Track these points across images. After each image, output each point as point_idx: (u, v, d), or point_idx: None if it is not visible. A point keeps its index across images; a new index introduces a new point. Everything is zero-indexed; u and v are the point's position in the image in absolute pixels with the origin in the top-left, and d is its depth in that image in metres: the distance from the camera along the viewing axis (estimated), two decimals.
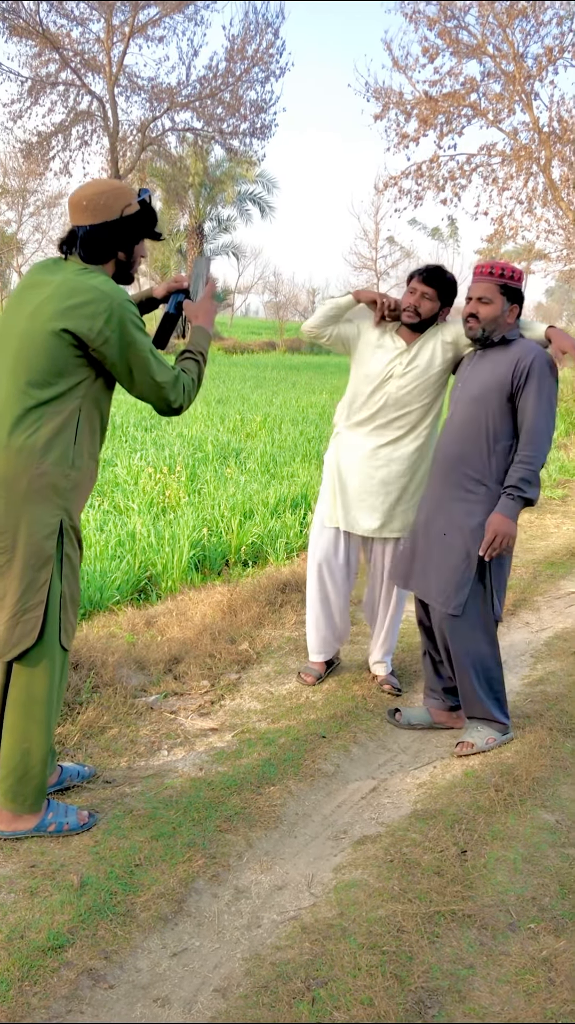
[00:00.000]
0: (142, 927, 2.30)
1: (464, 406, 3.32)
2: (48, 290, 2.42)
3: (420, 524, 3.47)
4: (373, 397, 3.63)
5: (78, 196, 2.46)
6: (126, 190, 2.50)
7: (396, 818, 2.93)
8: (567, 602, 5.51)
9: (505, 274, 3.26)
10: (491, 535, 3.19)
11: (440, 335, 3.61)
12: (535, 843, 2.80)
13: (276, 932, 2.33)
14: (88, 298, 2.37)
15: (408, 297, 3.57)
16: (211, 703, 3.68)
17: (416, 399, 3.61)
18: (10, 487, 2.40)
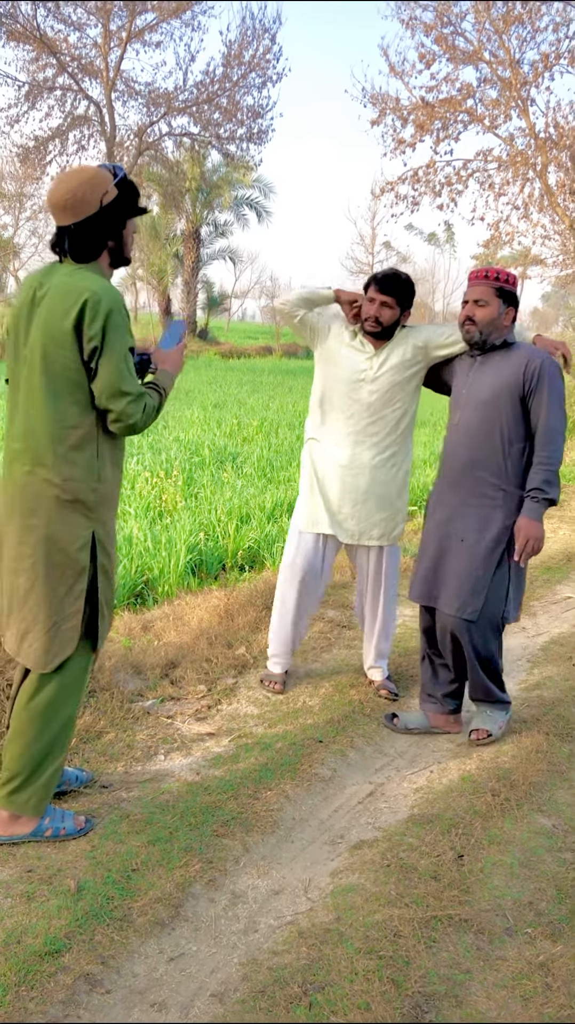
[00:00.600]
0: (139, 932, 2.29)
1: (473, 411, 3.32)
2: (47, 298, 2.39)
3: (433, 532, 3.44)
4: (345, 402, 3.62)
5: (55, 196, 2.39)
6: (100, 177, 2.40)
7: (393, 823, 2.93)
8: (564, 607, 5.52)
9: (500, 277, 3.31)
10: (523, 540, 3.23)
11: (411, 339, 3.62)
12: (532, 848, 2.80)
13: (273, 937, 2.33)
14: (80, 299, 2.33)
15: (368, 307, 3.56)
16: (208, 708, 3.68)
17: (389, 404, 3.61)
18: (37, 504, 2.42)
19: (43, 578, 2.45)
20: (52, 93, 22.94)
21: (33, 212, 36.52)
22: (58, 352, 2.36)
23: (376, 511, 3.69)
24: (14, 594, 2.50)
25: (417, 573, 3.52)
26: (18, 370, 2.46)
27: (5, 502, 2.50)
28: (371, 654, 4.01)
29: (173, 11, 21.84)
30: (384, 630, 3.96)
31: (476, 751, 3.46)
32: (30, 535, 2.44)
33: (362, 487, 3.65)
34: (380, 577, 3.83)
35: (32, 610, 2.47)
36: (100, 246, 2.46)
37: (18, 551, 2.46)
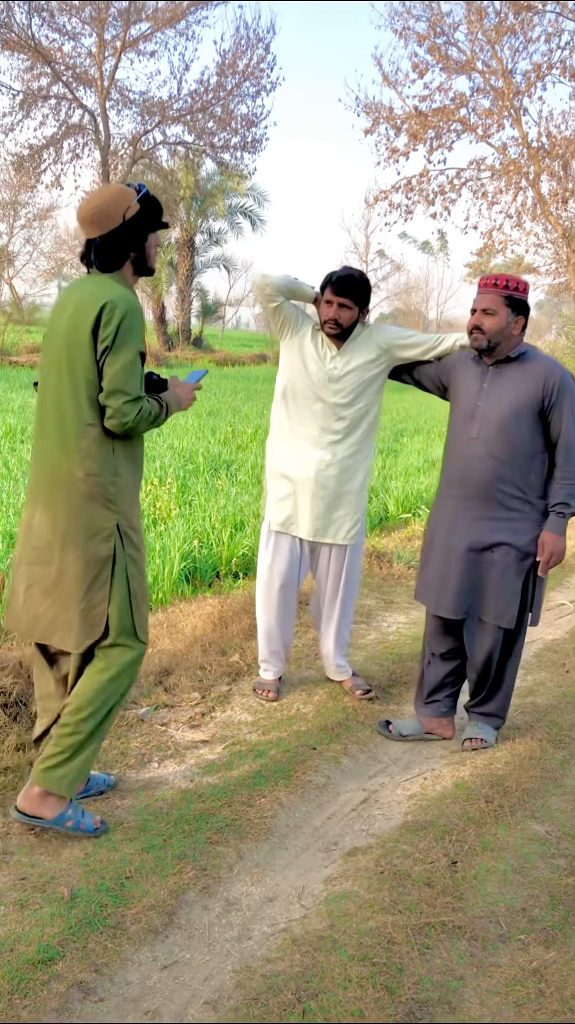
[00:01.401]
0: (132, 940, 2.29)
1: (493, 428, 3.32)
2: (73, 304, 2.60)
3: (457, 546, 3.42)
4: (309, 402, 3.64)
5: (83, 212, 2.60)
6: (124, 193, 2.61)
7: (386, 829, 2.93)
8: (557, 614, 5.53)
9: (510, 285, 3.29)
10: (547, 555, 3.30)
11: (374, 339, 3.64)
12: (525, 854, 2.81)
13: (267, 944, 2.33)
14: (99, 304, 2.50)
15: (326, 309, 3.58)
16: (202, 715, 3.68)
17: (353, 404, 3.63)
18: (64, 496, 2.59)
19: (71, 567, 2.60)
20: (47, 102, 22.97)
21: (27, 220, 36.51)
22: (77, 353, 2.55)
23: (337, 509, 3.71)
24: (43, 581, 2.65)
25: (445, 589, 3.46)
26: (49, 371, 2.66)
27: (35, 495, 2.68)
28: (331, 653, 4.00)
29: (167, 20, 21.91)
30: (341, 627, 3.95)
31: (470, 758, 3.47)
32: (58, 526, 2.61)
33: (326, 486, 3.67)
34: (341, 576, 3.83)
35: (62, 597, 2.62)
36: (123, 256, 2.65)
37: (47, 541, 2.63)
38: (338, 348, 3.63)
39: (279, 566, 3.80)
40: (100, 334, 2.51)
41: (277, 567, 3.81)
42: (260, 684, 3.93)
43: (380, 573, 6.03)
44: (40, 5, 20.75)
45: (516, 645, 3.49)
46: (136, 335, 2.54)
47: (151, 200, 2.66)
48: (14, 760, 3.07)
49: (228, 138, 24.21)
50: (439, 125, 18.24)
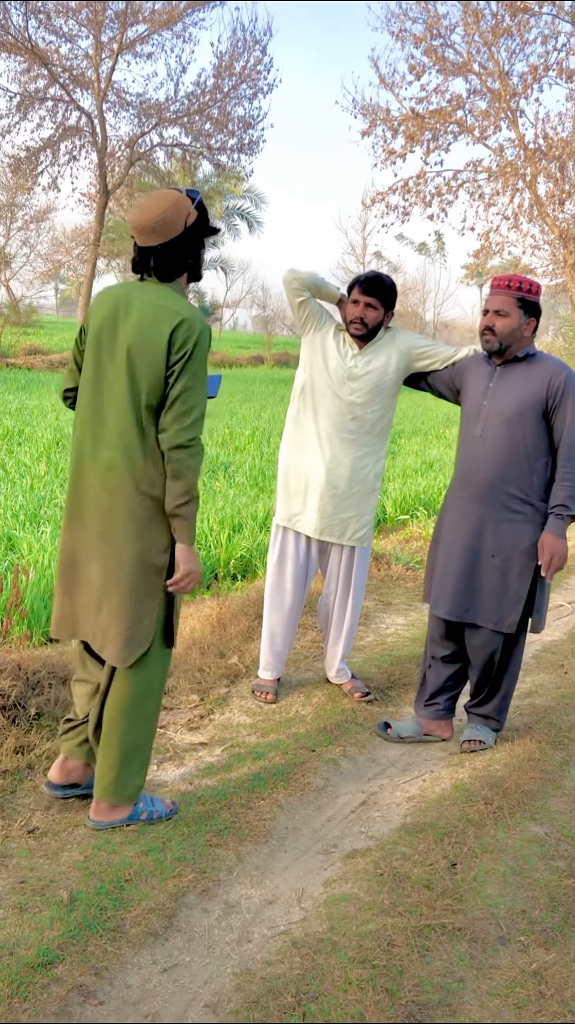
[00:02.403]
0: (132, 943, 2.29)
1: (497, 427, 3.33)
2: (138, 314, 2.54)
3: (458, 547, 3.44)
4: (327, 399, 3.65)
5: (143, 220, 2.54)
6: (183, 201, 2.58)
7: (386, 832, 2.93)
8: (555, 615, 5.54)
9: (522, 287, 3.30)
10: (548, 556, 3.28)
11: (396, 343, 3.67)
12: (524, 856, 2.81)
13: (266, 947, 2.33)
14: (176, 319, 2.50)
15: (352, 309, 3.61)
16: (200, 717, 3.68)
17: (369, 405, 3.64)
18: (125, 508, 2.57)
19: (127, 579, 2.59)
20: (43, 104, 22.98)
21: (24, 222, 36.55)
22: (145, 366, 2.51)
23: (347, 510, 3.71)
24: (92, 593, 2.64)
25: (443, 589, 3.48)
26: (100, 381, 2.60)
27: (85, 507, 2.65)
28: (336, 657, 4.01)
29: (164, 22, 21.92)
30: (350, 633, 3.97)
31: (469, 759, 3.47)
32: (115, 538, 2.59)
33: (336, 485, 3.68)
34: (350, 579, 3.84)
35: (114, 609, 2.61)
36: (183, 265, 2.64)
37: (101, 552, 2.61)
38: (359, 348, 3.65)
39: (287, 566, 3.81)
40: (175, 349, 2.48)
41: (285, 567, 3.82)
42: (259, 686, 3.93)
43: (378, 575, 6.03)
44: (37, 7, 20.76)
45: (517, 649, 3.49)
46: (207, 352, 2.56)
47: (202, 207, 2.64)
48: (13, 763, 3.06)
49: (225, 140, 24.24)
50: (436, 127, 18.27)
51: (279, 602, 3.86)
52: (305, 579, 3.86)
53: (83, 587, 2.66)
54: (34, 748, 3.16)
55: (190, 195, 2.61)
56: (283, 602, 3.85)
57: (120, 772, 2.71)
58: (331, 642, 4.01)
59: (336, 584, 3.87)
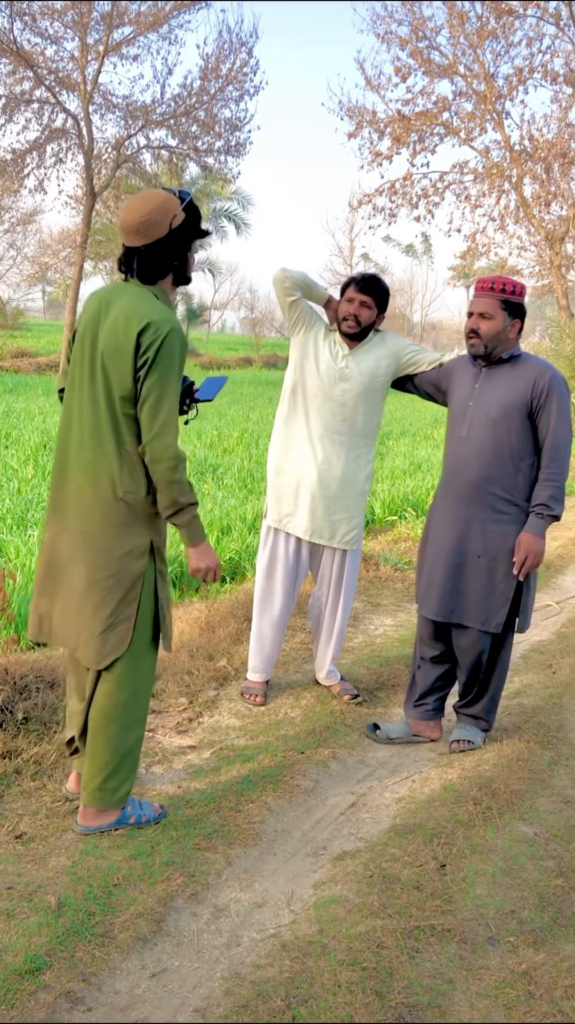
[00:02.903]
0: (120, 948, 2.28)
1: (482, 427, 3.33)
2: (112, 317, 2.52)
3: (444, 548, 3.44)
4: (317, 400, 3.65)
5: (128, 220, 2.51)
6: (170, 202, 2.54)
7: (375, 833, 2.93)
8: (543, 615, 5.55)
9: (506, 289, 3.30)
10: (523, 555, 3.28)
11: (386, 345, 3.68)
12: (513, 856, 2.81)
13: (256, 950, 2.32)
14: (143, 322, 2.46)
15: (347, 306, 3.61)
16: (189, 720, 3.67)
17: (359, 406, 3.64)
18: (100, 512, 2.56)
19: (101, 583, 2.58)
20: (29, 106, 22.89)
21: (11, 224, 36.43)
22: (116, 371, 2.50)
23: (337, 512, 3.71)
24: (69, 596, 2.63)
25: (430, 589, 3.49)
26: (82, 383, 2.59)
27: (62, 508, 2.64)
28: (327, 659, 4.00)
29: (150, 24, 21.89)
30: (340, 635, 3.97)
31: (458, 760, 3.47)
32: (90, 542, 2.59)
33: (327, 487, 3.67)
34: (341, 582, 3.84)
35: (88, 611, 2.60)
36: (167, 267, 2.60)
37: (74, 556, 2.60)
38: (350, 349, 3.65)
39: (278, 569, 3.81)
40: (141, 350, 2.46)
41: (276, 569, 3.81)
42: (248, 689, 3.92)
43: (367, 576, 6.03)
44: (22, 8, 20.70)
45: (504, 649, 3.49)
46: (181, 354, 2.52)
47: (193, 208, 2.60)
48: (0, 767, 3.04)
49: (212, 142, 24.21)
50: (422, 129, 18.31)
51: (269, 605, 3.85)
52: (295, 581, 3.85)
53: (63, 588, 2.65)
54: (21, 753, 3.14)
55: (181, 196, 2.58)
56: (273, 605, 3.85)
57: (108, 777, 2.70)
58: (321, 644, 4.00)
59: (327, 587, 3.87)
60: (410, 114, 18.13)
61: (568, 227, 18.16)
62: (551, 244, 18.40)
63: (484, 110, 17.77)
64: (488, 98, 17.44)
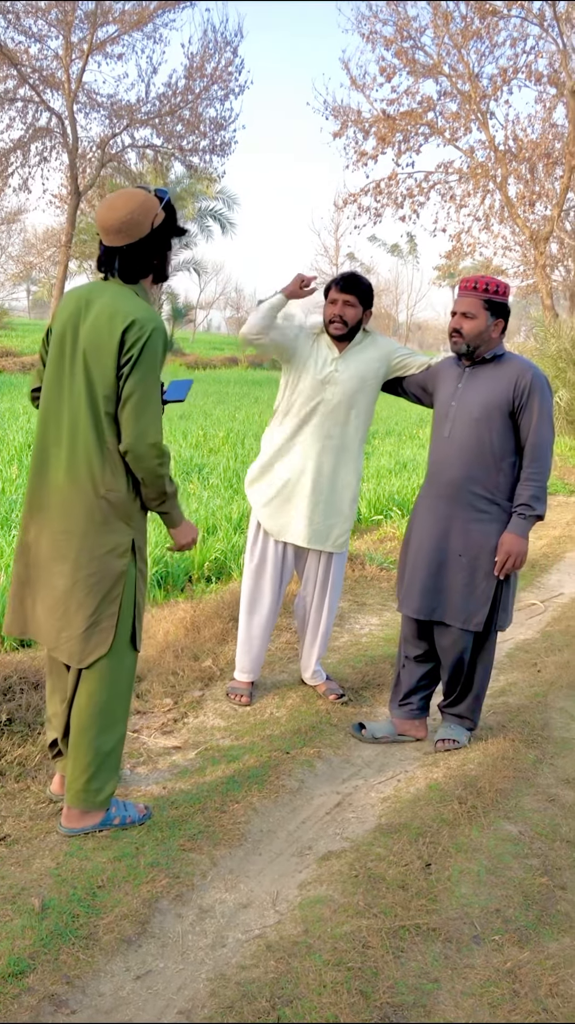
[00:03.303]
0: (105, 950, 2.27)
1: (464, 426, 3.34)
2: (94, 316, 2.51)
3: (426, 546, 3.44)
4: (309, 404, 3.64)
5: (109, 221, 2.51)
6: (151, 201, 2.54)
7: (361, 833, 2.93)
8: (527, 614, 5.57)
9: (489, 289, 3.30)
10: (504, 555, 3.28)
11: (376, 346, 3.68)
12: (498, 855, 2.81)
13: (241, 951, 2.32)
14: (127, 320, 2.46)
15: (331, 308, 3.61)
16: (174, 721, 3.66)
17: (351, 408, 3.64)
18: (81, 510, 2.55)
19: (83, 582, 2.57)
20: (13, 104, 22.82)
21: None
22: (99, 369, 2.49)
23: (332, 516, 3.71)
24: (51, 595, 2.61)
25: (411, 587, 3.49)
26: (61, 382, 2.58)
27: (42, 507, 2.62)
28: (312, 659, 4.00)
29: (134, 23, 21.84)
30: (326, 635, 3.97)
31: (443, 759, 3.47)
32: (72, 540, 2.57)
33: (323, 492, 3.67)
34: (327, 583, 3.84)
35: (71, 610, 2.59)
36: (148, 266, 2.61)
37: (56, 554, 2.59)
38: (340, 352, 3.63)
39: (266, 572, 3.79)
40: (125, 349, 2.46)
41: (264, 572, 3.80)
42: (234, 689, 3.91)
43: (353, 575, 6.03)
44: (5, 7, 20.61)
45: (487, 648, 3.50)
46: (162, 354, 2.53)
47: (171, 206, 2.61)
48: None
49: (197, 141, 24.21)
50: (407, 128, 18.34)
51: (257, 606, 3.85)
52: (282, 583, 3.85)
53: (44, 587, 2.63)
54: (5, 755, 3.12)
55: (158, 195, 2.58)
56: (262, 606, 3.84)
57: (91, 778, 2.69)
58: (307, 644, 4.00)
59: (313, 587, 3.87)
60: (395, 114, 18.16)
61: (552, 227, 18.24)
62: (535, 244, 18.47)
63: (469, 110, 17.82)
64: (473, 98, 17.49)
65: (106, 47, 22.50)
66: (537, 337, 16.97)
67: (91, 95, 23.43)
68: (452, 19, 17.11)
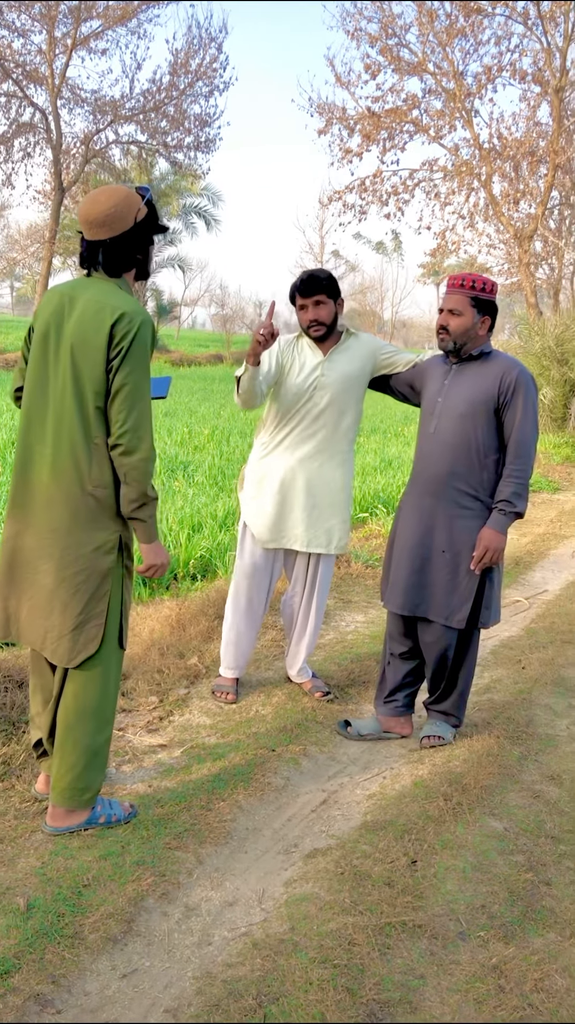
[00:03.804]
0: (91, 949, 2.26)
1: (449, 423, 3.34)
2: (80, 311, 2.51)
3: (409, 542, 3.45)
4: (300, 410, 3.61)
5: (93, 214, 2.51)
6: (133, 196, 2.56)
7: (346, 830, 2.93)
8: (512, 611, 5.59)
9: (476, 286, 3.30)
10: (482, 550, 3.29)
11: (361, 345, 3.66)
12: (484, 851, 2.82)
13: (227, 949, 2.32)
14: (115, 314, 2.46)
15: (303, 315, 3.57)
16: (160, 719, 3.65)
17: (340, 410, 3.62)
18: (67, 508, 2.54)
19: (70, 580, 2.56)
20: None
21: None
22: (88, 364, 2.48)
23: (330, 518, 3.70)
24: (37, 594, 2.60)
25: (395, 583, 3.50)
26: (45, 379, 2.57)
27: (25, 505, 2.61)
28: (299, 658, 4.00)
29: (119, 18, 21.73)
30: (314, 633, 3.97)
31: (428, 756, 3.48)
32: (58, 538, 2.55)
33: (316, 495, 3.66)
34: (316, 583, 3.84)
35: (58, 609, 2.58)
36: (132, 260, 2.62)
37: (42, 553, 2.57)
38: (325, 353, 3.61)
39: (255, 574, 3.78)
40: (114, 343, 2.46)
41: (253, 575, 3.78)
42: (219, 687, 3.91)
43: (338, 572, 6.04)
44: None
45: (471, 644, 3.51)
46: (150, 347, 2.53)
47: (152, 204, 2.63)
48: None
49: (181, 138, 24.12)
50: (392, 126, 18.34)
51: (246, 605, 3.83)
52: (272, 582, 3.84)
53: (29, 587, 2.62)
54: None
55: (140, 192, 2.60)
56: (251, 606, 3.83)
57: (76, 776, 2.68)
58: (294, 641, 4.00)
59: (303, 587, 3.86)
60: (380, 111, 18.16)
61: (536, 225, 18.30)
62: (519, 242, 18.53)
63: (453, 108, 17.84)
64: (457, 96, 17.52)
65: (90, 42, 22.37)
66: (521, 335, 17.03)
67: (75, 91, 23.31)
68: (437, 17, 17.12)
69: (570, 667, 4.56)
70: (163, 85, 22.98)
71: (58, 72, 22.22)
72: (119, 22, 21.99)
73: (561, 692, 4.22)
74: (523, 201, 18.88)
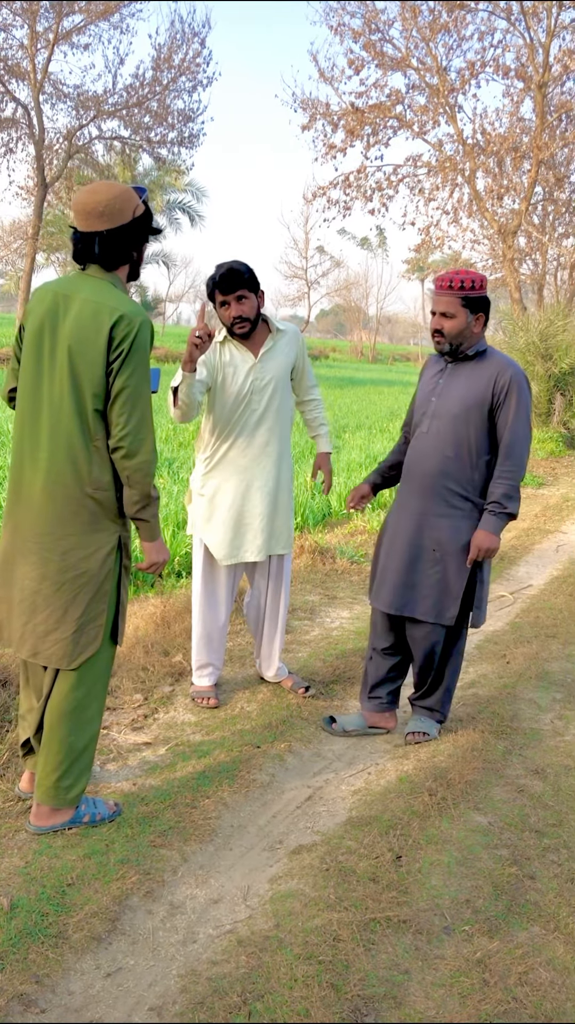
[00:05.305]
0: (75, 948, 2.25)
1: (443, 423, 3.34)
2: (77, 311, 2.47)
3: (399, 541, 3.45)
4: (241, 418, 3.56)
5: (90, 204, 2.47)
6: (131, 192, 2.54)
7: (331, 826, 2.93)
8: (497, 605, 5.60)
9: (465, 285, 3.26)
10: (475, 552, 3.28)
11: (289, 343, 3.63)
12: (468, 846, 2.83)
13: (212, 947, 2.31)
14: (115, 315, 2.43)
15: (225, 312, 3.48)
16: (144, 717, 3.64)
17: (277, 410, 3.60)
18: (66, 511, 2.52)
19: (71, 582, 2.55)
20: None
21: None
22: (87, 366, 2.46)
23: (279, 519, 3.69)
24: (35, 597, 2.57)
25: (383, 582, 3.49)
26: (39, 380, 2.53)
27: (24, 510, 2.57)
28: (275, 654, 3.98)
29: (101, 13, 21.60)
30: (283, 630, 3.95)
31: (413, 751, 3.49)
32: (57, 542, 2.53)
33: (267, 500, 3.63)
34: (280, 582, 3.84)
35: (57, 612, 2.56)
36: (127, 255, 2.58)
37: (40, 557, 2.55)
38: (255, 355, 3.55)
39: (219, 575, 3.74)
40: (112, 350, 2.43)
41: (215, 584, 3.75)
42: (199, 693, 3.83)
43: (323, 569, 6.04)
44: None
45: (458, 642, 3.51)
46: (150, 346, 2.51)
47: (147, 206, 2.61)
48: None
49: (165, 133, 24.01)
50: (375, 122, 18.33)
51: (213, 611, 3.78)
52: (235, 583, 3.81)
53: (23, 591, 2.59)
54: None
55: (137, 191, 2.58)
56: (217, 610, 3.78)
57: (62, 776, 2.67)
58: (266, 640, 3.97)
59: (266, 588, 3.84)
60: (363, 107, 18.15)
61: (520, 220, 18.34)
62: (503, 238, 18.57)
63: (437, 103, 17.85)
64: (441, 91, 17.53)
65: (72, 37, 22.22)
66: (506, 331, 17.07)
67: (57, 86, 23.15)
68: (420, 12, 17.12)
69: (554, 661, 4.58)
70: (146, 80, 22.86)
71: (40, 67, 22.07)
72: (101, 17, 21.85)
73: (545, 686, 4.24)
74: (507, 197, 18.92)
